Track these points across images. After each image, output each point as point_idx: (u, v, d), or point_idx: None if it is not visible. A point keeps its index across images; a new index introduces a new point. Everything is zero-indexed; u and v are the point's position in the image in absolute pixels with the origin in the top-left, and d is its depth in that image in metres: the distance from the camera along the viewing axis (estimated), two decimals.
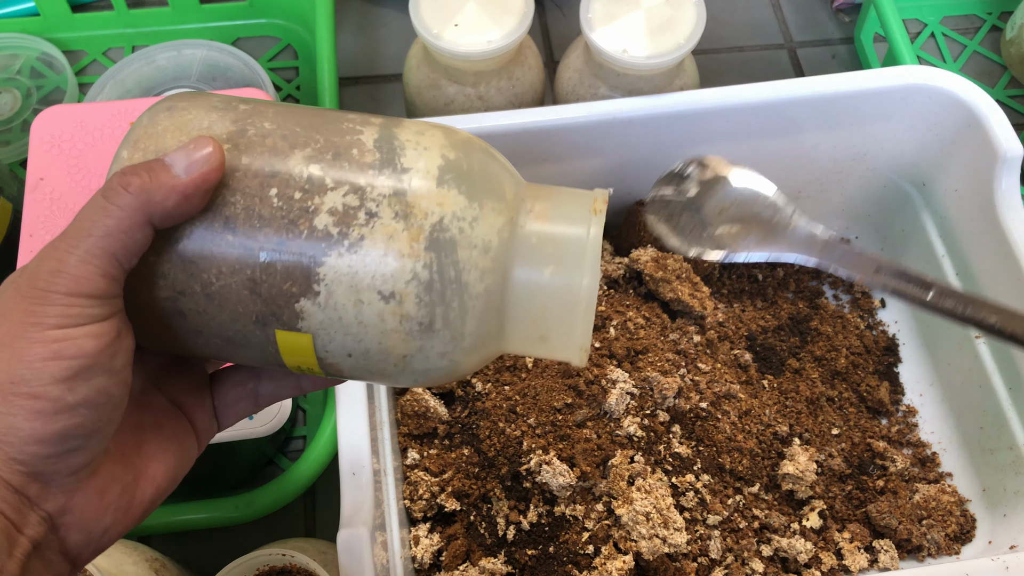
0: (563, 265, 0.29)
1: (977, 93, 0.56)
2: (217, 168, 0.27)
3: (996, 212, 0.54)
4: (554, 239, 0.29)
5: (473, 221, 0.28)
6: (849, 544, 0.53)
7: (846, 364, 0.61)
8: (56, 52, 0.74)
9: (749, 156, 0.61)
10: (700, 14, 0.58)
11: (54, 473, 0.26)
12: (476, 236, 0.28)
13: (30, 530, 0.26)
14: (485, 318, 0.29)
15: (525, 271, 0.29)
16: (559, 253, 0.29)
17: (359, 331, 0.28)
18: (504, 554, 0.50)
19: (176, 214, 0.27)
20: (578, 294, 0.29)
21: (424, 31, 0.58)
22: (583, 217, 0.29)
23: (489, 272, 0.28)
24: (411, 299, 0.27)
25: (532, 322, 0.29)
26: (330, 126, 0.29)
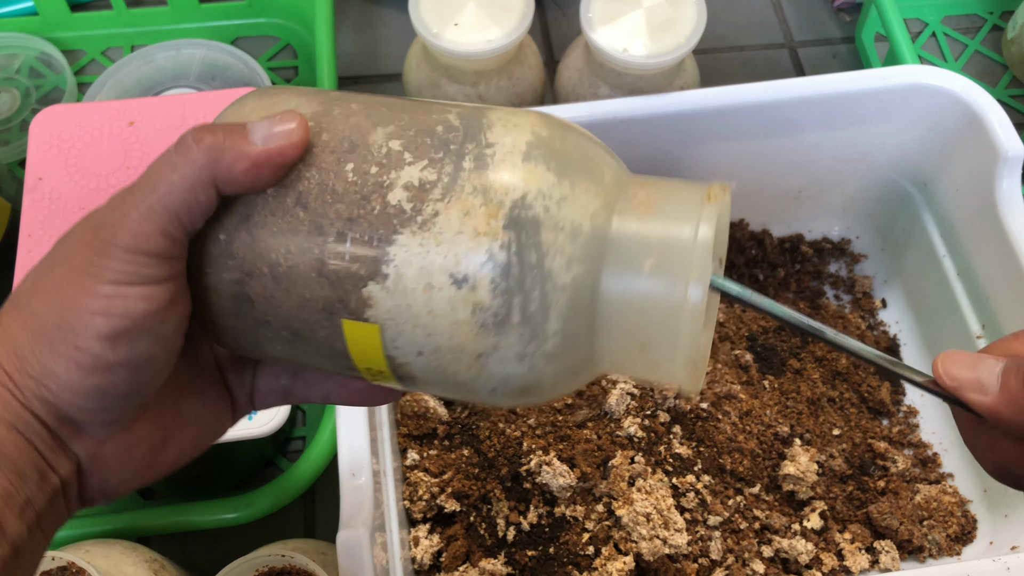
0: (666, 262, 0.25)
1: (978, 93, 0.56)
2: (296, 144, 0.26)
3: (997, 212, 0.54)
4: (658, 230, 0.25)
5: (561, 200, 0.25)
6: (850, 545, 0.53)
7: (847, 364, 0.61)
8: (55, 52, 0.74)
9: (749, 156, 0.60)
10: (701, 13, 0.58)
11: (88, 422, 0.26)
12: (564, 217, 0.25)
13: (60, 468, 0.26)
14: (571, 316, 0.25)
15: (621, 266, 0.25)
16: (663, 247, 0.25)
17: (429, 322, 0.25)
18: (504, 555, 0.49)
19: (242, 181, 0.25)
20: (682, 298, 0.25)
21: (424, 30, 0.58)
22: (695, 207, 0.25)
23: (578, 261, 0.25)
24: (485, 285, 0.24)
25: (629, 330, 0.26)
26: (419, 107, 0.27)
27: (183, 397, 0.29)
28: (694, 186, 0.26)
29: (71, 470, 0.27)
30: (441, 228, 0.25)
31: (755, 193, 0.64)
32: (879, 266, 0.66)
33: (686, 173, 0.62)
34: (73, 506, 0.28)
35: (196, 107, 0.57)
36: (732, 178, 0.62)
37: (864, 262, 0.66)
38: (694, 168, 0.61)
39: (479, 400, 0.27)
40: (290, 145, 0.26)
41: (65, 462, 0.26)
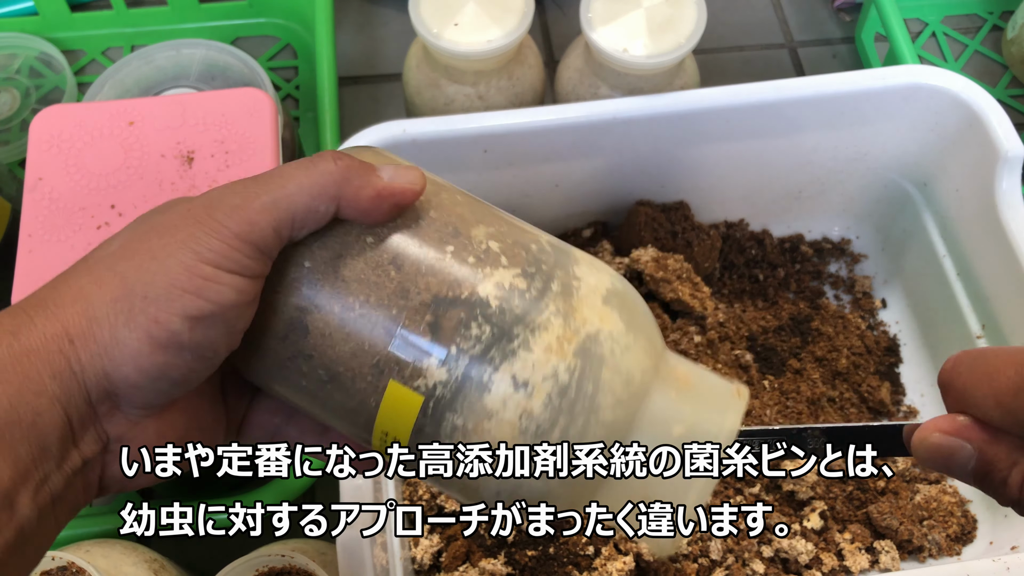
0: (694, 434, 0.28)
1: (978, 93, 0.56)
2: (417, 192, 0.27)
3: (997, 212, 0.54)
4: (692, 405, 0.28)
5: (625, 348, 0.27)
6: (850, 545, 0.53)
7: (847, 364, 0.61)
8: (55, 51, 0.74)
9: (749, 156, 0.60)
10: (701, 13, 0.58)
11: (131, 402, 0.26)
12: (623, 364, 0.27)
13: (86, 446, 0.26)
14: (594, 461, 0.28)
15: (654, 425, 0.28)
16: (694, 421, 0.28)
17: (468, 418, 0.27)
18: (504, 555, 0.49)
19: (363, 207, 0.27)
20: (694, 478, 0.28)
21: (424, 30, 0.58)
22: (726, 397, 0.29)
23: (622, 405, 0.27)
24: (541, 397, 0.26)
25: (641, 484, 0.29)
26: (513, 221, 0.29)
27: (202, 399, 0.30)
28: (724, 380, 0.30)
29: (97, 449, 0.26)
30: (518, 333, 0.27)
31: (755, 193, 0.64)
32: (879, 266, 0.66)
33: (686, 173, 0.62)
34: (91, 491, 0.27)
35: (196, 107, 0.57)
36: (732, 178, 0.63)
37: (864, 262, 0.66)
38: (694, 168, 0.61)
39: (469, 499, 0.30)
40: (412, 189, 0.27)
41: (93, 440, 0.26)
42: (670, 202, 0.63)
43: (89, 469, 0.26)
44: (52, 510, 0.25)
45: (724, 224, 0.66)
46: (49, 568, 0.45)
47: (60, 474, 0.25)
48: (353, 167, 0.27)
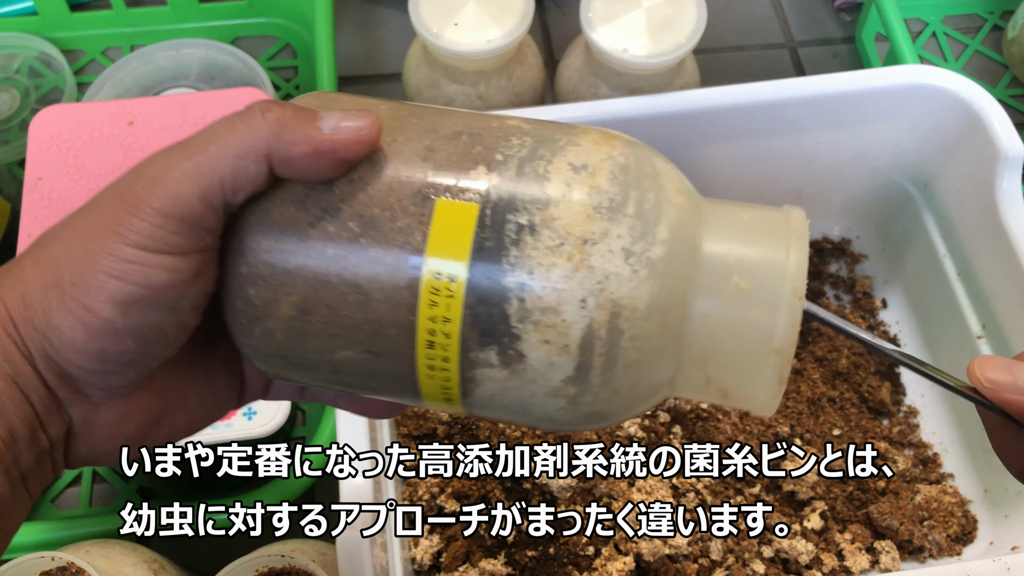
0: (757, 265, 0.25)
1: (978, 92, 0.56)
2: (365, 143, 0.24)
3: (997, 212, 0.54)
4: (748, 236, 0.26)
5: (666, 164, 0.26)
6: (850, 545, 0.53)
7: (847, 364, 0.61)
8: (54, 51, 0.74)
9: (750, 156, 0.60)
10: (701, 13, 0.58)
11: (87, 384, 0.25)
12: (672, 170, 0.26)
13: (52, 429, 0.25)
14: (677, 235, 0.25)
15: (712, 258, 0.25)
16: (754, 253, 0.25)
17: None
18: (504, 555, 0.49)
19: (299, 165, 0.24)
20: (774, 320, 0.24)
21: (424, 30, 0.58)
22: (782, 226, 0.26)
23: (684, 194, 0.26)
24: (605, 173, 0.25)
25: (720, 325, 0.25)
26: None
27: (189, 377, 0.28)
28: (774, 210, 0.26)
29: (62, 432, 0.25)
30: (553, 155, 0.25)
31: (755, 193, 0.64)
32: (879, 266, 0.66)
33: (686, 173, 0.61)
34: (59, 468, 0.26)
35: (196, 107, 0.57)
36: (732, 178, 0.63)
37: (864, 262, 0.66)
38: (694, 168, 0.61)
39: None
40: (358, 141, 0.24)
41: (58, 423, 0.25)
42: None
43: (56, 449, 0.26)
44: (24, 487, 0.25)
45: None
46: (49, 568, 0.45)
47: (31, 455, 0.24)
48: (284, 119, 0.24)
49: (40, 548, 0.51)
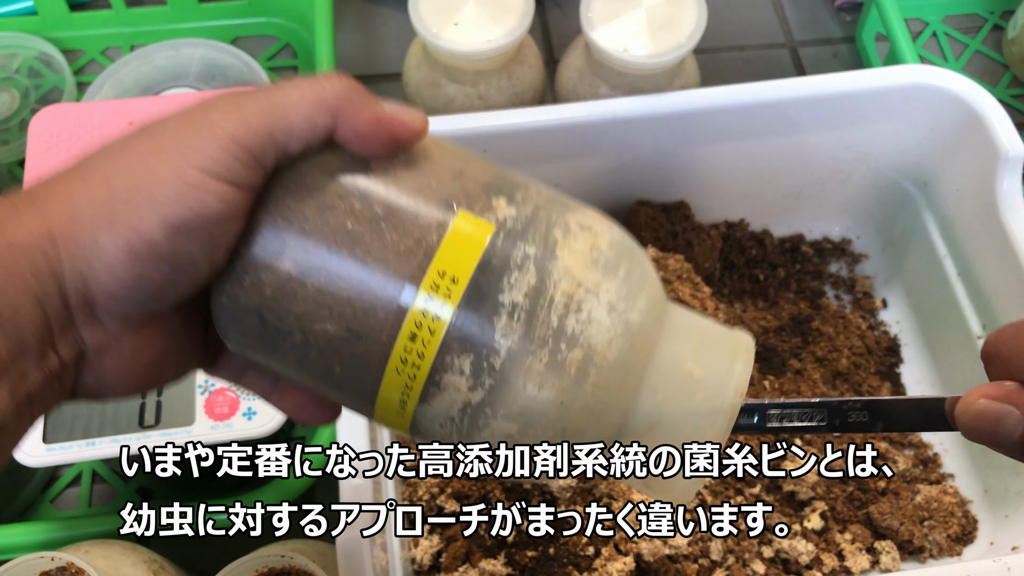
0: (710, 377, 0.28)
1: (979, 92, 0.56)
2: (416, 131, 0.27)
3: (998, 212, 0.54)
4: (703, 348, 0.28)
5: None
6: (850, 545, 0.53)
7: (848, 365, 0.61)
8: (54, 51, 0.74)
9: (749, 156, 0.60)
10: (701, 13, 0.58)
11: (107, 311, 0.25)
12: (649, 267, 0.29)
13: (64, 350, 0.25)
14: (651, 309, 0.28)
15: (667, 362, 0.28)
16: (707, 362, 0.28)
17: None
18: (504, 555, 0.49)
19: (359, 130, 0.26)
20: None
21: (424, 30, 0.58)
22: (734, 345, 0.29)
23: (657, 291, 0.28)
24: (605, 239, 0.28)
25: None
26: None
27: (187, 324, 0.28)
28: (728, 330, 0.29)
29: (73, 356, 0.25)
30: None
31: (755, 193, 0.64)
32: (879, 266, 0.66)
33: (686, 173, 0.62)
34: (65, 395, 0.26)
35: None
36: (732, 178, 0.63)
37: (864, 262, 0.66)
38: (694, 168, 0.61)
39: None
40: (412, 127, 0.26)
41: (70, 346, 0.25)
42: (670, 202, 0.63)
43: (65, 374, 0.26)
44: (28, 408, 0.25)
45: (724, 224, 0.66)
46: (49, 568, 0.45)
47: (38, 373, 0.24)
48: (357, 89, 0.26)
49: (40, 548, 0.51)
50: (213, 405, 0.52)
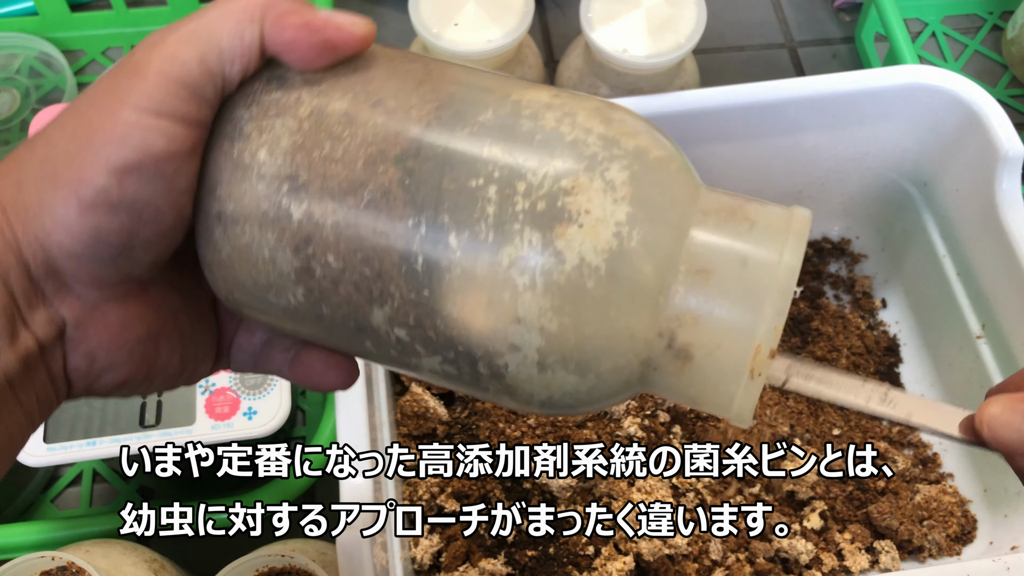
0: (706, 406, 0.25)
1: (978, 93, 0.56)
2: (357, 37, 0.24)
3: (997, 212, 0.54)
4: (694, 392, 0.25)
5: (590, 391, 0.24)
6: (850, 545, 0.53)
7: (847, 364, 0.61)
8: (55, 52, 0.74)
9: (750, 156, 0.60)
10: (700, 13, 0.58)
11: (76, 277, 0.24)
12: (595, 398, 0.25)
13: (37, 328, 0.24)
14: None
15: (663, 392, 0.25)
16: (699, 403, 0.25)
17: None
18: (504, 555, 0.49)
19: (287, 38, 0.24)
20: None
21: (424, 30, 0.58)
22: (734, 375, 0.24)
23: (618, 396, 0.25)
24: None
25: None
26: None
27: (184, 302, 0.27)
28: (742, 336, 0.24)
29: (51, 333, 0.24)
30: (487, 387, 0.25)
31: (755, 193, 0.63)
32: (879, 266, 0.66)
33: None
34: (59, 386, 0.25)
35: None
36: (732, 178, 0.63)
37: (864, 262, 0.66)
38: (694, 168, 0.61)
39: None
40: (349, 31, 0.24)
41: (44, 320, 0.24)
42: None
43: (50, 357, 0.24)
44: (14, 395, 0.24)
45: None
46: (49, 568, 0.45)
47: (13, 353, 0.23)
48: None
49: (40, 548, 0.51)
50: (213, 405, 0.52)
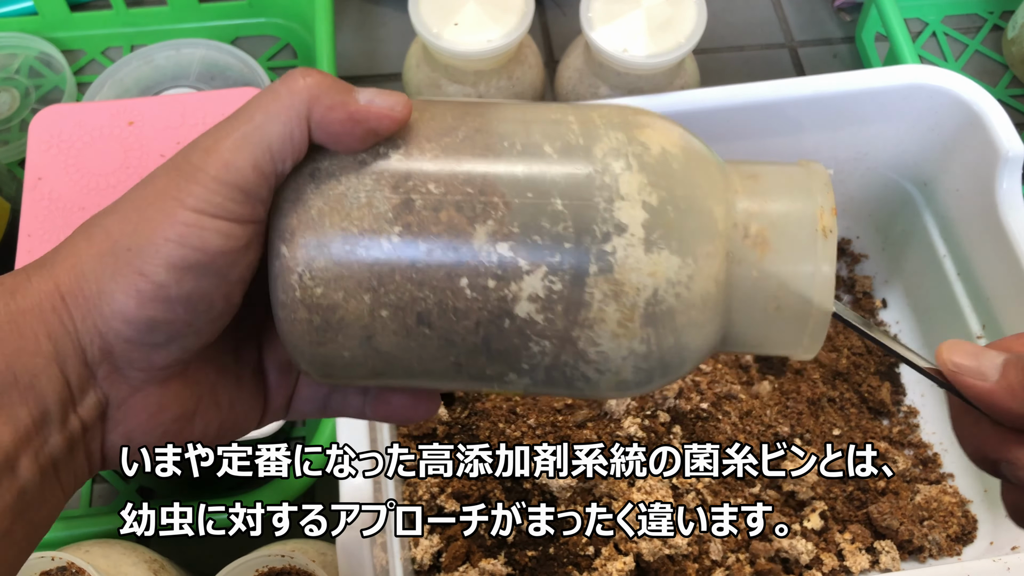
0: (788, 303, 0.26)
1: (978, 92, 0.56)
2: (397, 119, 0.25)
3: (997, 212, 0.54)
4: (778, 275, 0.25)
5: (690, 280, 0.25)
6: (850, 545, 0.53)
7: (847, 364, 0.61)
8: (55, 51, 0.74)
9: (750, 156, 0.60)
10: (701, 13, 0.58)
11: (128, 361, 0.25)
12: (695, 295, 0.25)
13: (84, 411, 0.25)
14: (703, 357, 0.27)
15: (746, 310, 0.26)
16: (783, 291, 0.25)
17: (570, 394, 0.27)
18: (504, 555, 0.49)
19: (334, 129, 0.25)
20: (805, 325, 0.26)
21: (424, 30, 0.58)
22: (809, 237, 0.25)
23: (709, 322, 0.26)
24: (628, 371, 0.25)
25: (752, 345, 0.27)
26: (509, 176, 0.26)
27: (221, 376, 0.28)
28: (803, 203, 0.26)
29: (95, 415, 0.25)
30: (578, 335, 0.25)
31: None
32: (879, 266, 0.66)
33: None
34: (94, 461, 0.26)
35: (196, 107, 0.57)
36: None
37: (864, 262, 0.66)
38: None
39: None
40: (390, 116, 0.25)
41: (91, 404, 0.25)
42: None
43: (90, 437, 0.25)
44: (56, 476, 0.25)
45: None
46: (49, 568, 0.45)
47: (61, 437, 0.24)
48: (324, 84, 0.25)
49: (40, 548, 0.51)
50: None
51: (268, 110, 0.25)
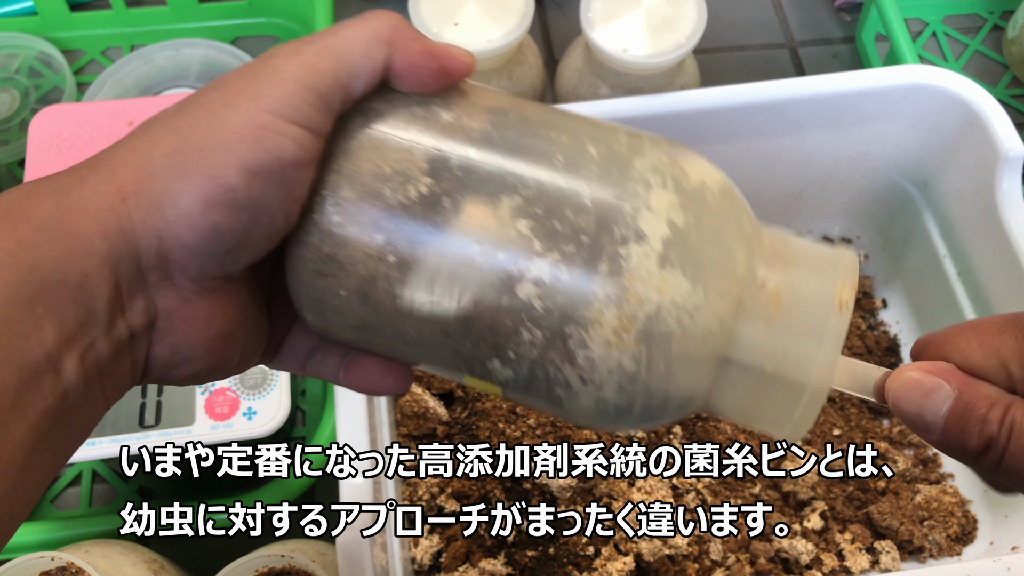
0: (786, 371, 0.25)
1: (979, 92, 0.56)
2: (468, 65, 0.27)
3: (998, 212, 0.54)
4: (784, 338, 0.25)
5: (695, 311, 0.24)
6: (850, 545, 0.53)
7: None
8: (54, 51, 0.74)
9: (750, 156, 0.60)
10: (701, 13, 0.58)
11: (182, 268, 0.24)
12: (696, 328, 0.24)
13: (133, 317, 0.24)
14: (687, 405, 0.26)
15: (742, 365, 0.25)
16: (785, 357, 0.25)
17: (548, 405, 0.26)
18: (504, 555, 0.49)
19: (411, 61, 0.26)
20: (798, 400, 0.25)
21: (424, 30, 0.58)
22: (823, 313, 0.25)
23: (703, 364, 0.25)
24: (611, 388, 0.25)
25: (739, 410, 0.27)
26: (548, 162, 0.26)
27: (252, 300, 0.28)
28: (825, 276, 0.26)
29: (143, 323, 0.24)
30: (571, 332, 0.25)
31: (755, 193, 0.64)
32: (879, 266, 0.66)
33: None
34: (137, 371, 0.25)
35: None
36: (732, 178, 0.62)
37: (864, 262, 0.66)
38: None
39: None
40: (461, 60, 0.27)
41: (140, 310, 0.24)
42: None
43: (136, 346, 0.25)
44: (99, 381, 0.24)
45: None
46: (49, 568, 0.45)
47: (107, 342, 0.23)
48: (407, 23, 0.26)
49: (40, 548, 0.51)
50: (213, 405, 0.52)
51: (353, 27, 0.26)
